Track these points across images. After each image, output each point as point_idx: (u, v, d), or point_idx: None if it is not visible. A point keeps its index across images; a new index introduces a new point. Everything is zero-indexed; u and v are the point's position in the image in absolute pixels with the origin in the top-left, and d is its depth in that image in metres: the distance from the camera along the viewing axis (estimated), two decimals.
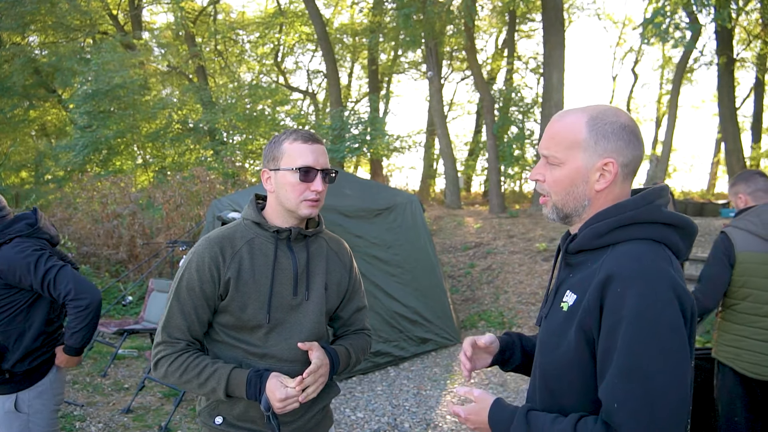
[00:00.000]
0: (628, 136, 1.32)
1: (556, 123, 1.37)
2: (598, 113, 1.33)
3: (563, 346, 1.30)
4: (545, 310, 1.43)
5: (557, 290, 1.41)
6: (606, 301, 1.21)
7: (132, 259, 9.46)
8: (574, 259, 1.39)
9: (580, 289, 1.30)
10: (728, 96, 14.62)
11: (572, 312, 1.30)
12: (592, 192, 1.33)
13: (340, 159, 14.54)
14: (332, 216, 5.95)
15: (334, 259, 1.97)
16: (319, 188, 1.78)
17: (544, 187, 1.40)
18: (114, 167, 15.57)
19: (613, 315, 1.19)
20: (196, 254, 1.80)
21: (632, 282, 1.18)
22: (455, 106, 26.84)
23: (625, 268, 1.21)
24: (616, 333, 1.18)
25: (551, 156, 1.36)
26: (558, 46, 13.15)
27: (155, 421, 4.54)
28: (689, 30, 11.55)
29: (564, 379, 1.31)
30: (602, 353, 1.21)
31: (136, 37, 18.70)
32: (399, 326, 6.16)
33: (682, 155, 34.48)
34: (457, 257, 9.96)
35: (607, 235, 1.30)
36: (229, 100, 17.01)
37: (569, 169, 1.34)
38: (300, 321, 1.84)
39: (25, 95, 18.72)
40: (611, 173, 1.31)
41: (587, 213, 1.36)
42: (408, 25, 13.46)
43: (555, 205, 1.38)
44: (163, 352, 1.77)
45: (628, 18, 29.89)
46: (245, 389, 1.71)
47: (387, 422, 4.67)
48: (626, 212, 1.29)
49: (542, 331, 1.43)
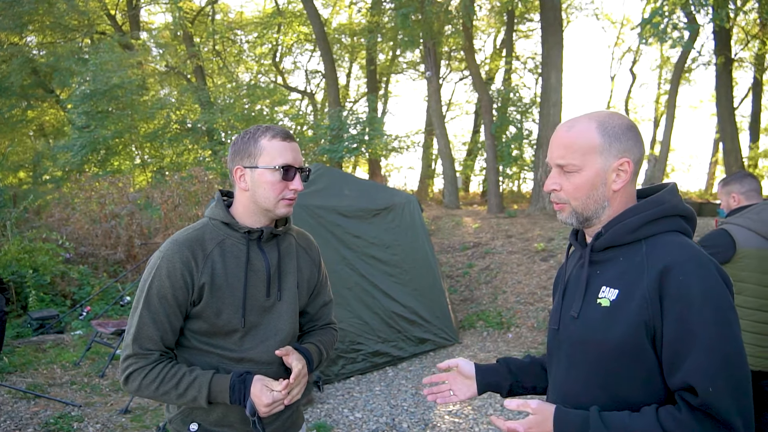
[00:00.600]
0: (635, 136, 1.40)
1: (567, 133, 1.42)
2: (604, 118, 1.41)
3: (614, 341, 1.31)
4: (576, 309, 1.43)
5: (586, 287, 1.42)
6: (668, 290, 1.26)
7: (130, 260, 9.44)
8: (601, 257, 1.43)
9: (622, 284, 1.34)
10: (726, 96, 14.63)
11: (617, 306, 1.33)
12: (610, 192, 1.40)
13: (339, 159, 14.54)
14: (331, 216, 5.95)
15: (304, 256, 1.93)
16: (298, 187, 1.75)
17: (560, 195, 1.45)
18: (112, 167, 15.56)
19: (679, 302, 1.24)
20: (165, 259, 1.69)
21: (691, 269, 1.26)
22: (453, 106, 26.83)
23: (679, 257, 1.28)
24: (687, 319, 1.24)
25: (568, 164, 1.41)
26: (556, 46, 13.15)
27: (153, 421, 4.53)
28: (687, 30, 11.56)
29: (622, 374, 1.32)
30: (673, 341, 1.25)
31: (134, 37, 18.68)
32: (397, 326, 6.16)
33: (681, 155, 34.57)
34: (455, 257, 9.95)
35: (640, 230, 1.37)
36: (227, 100, 17.00)
37: (588, 174, 1.40)
38: (275, 322, 1.80)
39: (23, 95, 18.70)
40: (627, 171, 1.39)
41: (606, 213, 1.42)
42: (406, 25, 13.45)
43: (575, 210, 1.43)
44: (135, 365, 1.68)
45: (626, 18, 29.96)
46: (229, 395, 1.67)
47: (385, 422, 4.66)
48: (659, 206, 1.38)
49: (577, 330, 1.42)
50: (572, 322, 1.43)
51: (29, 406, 4.70)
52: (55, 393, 5.05)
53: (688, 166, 33.67)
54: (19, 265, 7.68)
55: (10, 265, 7.63)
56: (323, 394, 5.20)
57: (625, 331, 1.30)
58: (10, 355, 5.82)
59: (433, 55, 15.08)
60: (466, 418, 4.75)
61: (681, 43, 11.55)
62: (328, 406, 4.97)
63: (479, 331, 7.55)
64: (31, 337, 6.61)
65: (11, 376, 5.38)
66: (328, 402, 5.06)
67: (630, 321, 1.29)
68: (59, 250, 8.46)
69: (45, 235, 8.99)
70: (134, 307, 1.72)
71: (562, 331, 1.47)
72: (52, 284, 7.96)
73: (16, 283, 7.54)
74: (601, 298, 1.37)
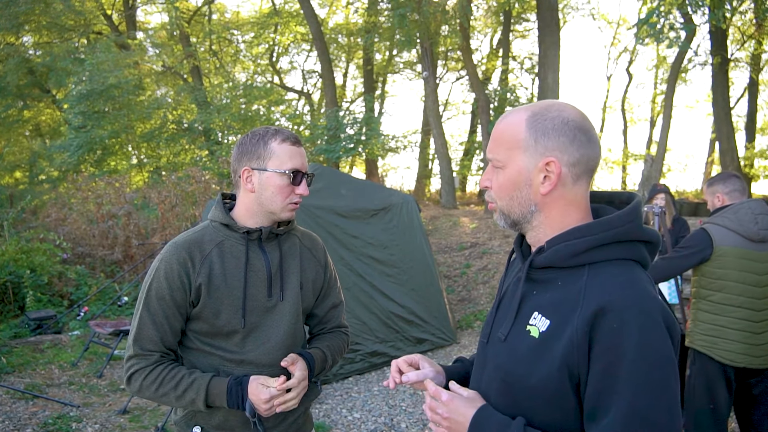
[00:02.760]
0: (572, 132, 1.18)
1: (499, 124, 1.26)
2: (541, 109, 1.21)
3: (536, 379, 1.16)
4: (504, 330, 1.26)
5: (519, 308, 1.25)
6: (598, 337, 1.08)
7: (127, 260, 9.44)
8: (540, 275, 1.24)
9: (555, 314, 1.17)
10: (722, 96, 14.66)
11: (546, 340, 1.16)
12: (537, 196, 1.22)
13: (336, 159, 14.54)
14: (329, 216, 5.96)
15: (308, 256, 1.92)
16: (305, 192, 1.76)
17: (490, 193, 1.29)
18: (109, 167, 15.56)
19: (609, 353, 1.07)
20: (164, 261, 1.71)
21: (629, 316, 1.07)
22: (450, 106, 26.83)
23: (619, 300, 1.09)
24: (615, 374, 1.07)
25: (494, 159, 1.25)
26: (553, 46, 13.18)
27: (151, 422, 4.53)
28: (684, 30, 11.60)
29: (540, 414, 1.17)
30: (596, 393, 1.09)
31: (130, 37, 18.64)
32: (395, 326, 6.17)
33: (677, 155, 34.52)
34: (452, 257, 9.97)
35: (584, 254, 1.17)
36: (223, 100, 16.98)
37: (511, 172, 1.23)
38: (276, 323, 1.79)
39: (20, 95, 18.67)
40: (555, 174, 1.18)
41: (538, 220, 1.24)
42: (403, 25, 13.47)
43: (501, 211, 1.28)
44: (137, 365, 1.69)
45: (622, 18, 30.00)
46: (226, 398, 1.67)
47: (384, 422, 4.67)
48: (610, 230, 1.17)
49: (501, 355, 1.26)
50: (499, 343, 1.27)
51: (27, 407, 4.70)
52: (53, 393, 5.04)
53: (685, 166, 33.83)
54: (17, 265, 7.67)
55: (7, 265, 7.62)
56: (321, 395, 5.21)
57: (548, 372, 1.14)
58: (8, 355, 5.82)
59: (430, 55, 15.10)
60: None
61: (677, 43, 11.59)
62: (326, 407, 4.98)
63: (477, 331, 7.56)
64: (28, 337, 6.60)
65: (9, 377, 5.37)
66: (327, 402, 5.07)
67: (555, 362, 1.13)
68: (56, 250, 8.45)
69: (42, 236, 8.99)
70: (136, 309, 1.74)
71: (489, 348, 1.32)
72: (50, 284, 7.96)
73: (14, 283, 7.54)
74: (531, 325, 1.20)
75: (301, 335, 1.89)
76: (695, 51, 15.68)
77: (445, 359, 6.34)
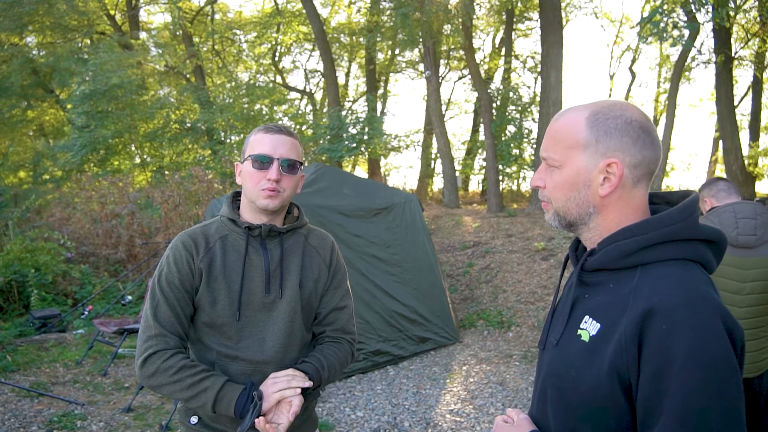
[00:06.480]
0: (636, 133, 1.14)
1: (556, 122, 1.23)
2: (602, 108, 1.17)
3: (587, 384, 1.12)
4: (556, 335, 1.24)
5: (571, 312, 1.23)
6: (648, 339, 1.04)
7: (131, 259, 9.47)
8: (591, 278, 1.21)
9: (605, 318, 1.13)
10: (726, 94, 14.63)
11: (596, 344, 1.13)
12: (596, 198, 1.18)
13: (338, 158, 14.56)
14: (331, 215, 5.97)
15: (312, 253, 1.90)
16: (273, 176, 1.72)
17: (544, 192, 1.26)
18: (112, 167, 15.60)
19: (659, 356, 1.02)
20: (172, 249, 1.79)
21: (679, 316, 1.02)
22: (453, 105, 26.82)
23: (668, 300, 1.04)
24: (665, 377, 1.01)
25: (550, 158, 1.22)
26: (556, 45, 13.16)
27: (156, 419, 4.56)
28: (687, 28, 11.57)
29: (592, 422, 1.13)
30: (647, 398, 1.05)
31: (133, 37, 18.67)
32: (398, 325, 6.18)
33: (680, 154, 34.56)
34: (455, 256, 9.97)
35: (635, 255, 1.13)
36: (226, 100, 17.02)
37: (569, 172, 1.19)
38: (273, 320, 1.79)
39: (23, 95, 18.69)
40: (616, 176, 1.14)
41: (595, 222, 1.20)
42: (405, 25, 13.47)
43: (557, 212, 1.24)
44: (156, 346, 1.67)
45: (625, 16, 29.95)
46: (234, 407, 1.65)
47: (387, 421, 4.68)
48: (660, 229, 1.12)
49: (554, 360, 1.24)
50: (552, 348, 1.25)
51: (33, 405, 4.73)
52: (58, 391, 5.07)
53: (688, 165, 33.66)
54: (21, 264, 7.71)
55: (12, 264, 7.66)
56: (324, 393, 5.22)
57: (598, 377, 1.10)
58: (13, 353, 5.85)
59: (433, 54, 15.09)
60: (467, 417, 4.77)
61: (681, 41, 11.56)
62: (329, 405, 4.99)
63: (480, 330, 7.57)
64: (33, 335, 6.64)
65: (14, 375, 5.41)
66: (330, 401, 5.09)
67: (604, 366, 1.09)
68: (60, 249, 8.48)
69: (46, 235, 9.02)
70: (149, 297, 1.76)
71: (545, 355, 1.30)
72: (54, 283, 7.99)
73: (18, 282, 7.58)
74: (582, 329, 1.17)
75: (300, 335, 1.86)
76: (699, 49, 15.57)
77: (447, 358, 6.35)
